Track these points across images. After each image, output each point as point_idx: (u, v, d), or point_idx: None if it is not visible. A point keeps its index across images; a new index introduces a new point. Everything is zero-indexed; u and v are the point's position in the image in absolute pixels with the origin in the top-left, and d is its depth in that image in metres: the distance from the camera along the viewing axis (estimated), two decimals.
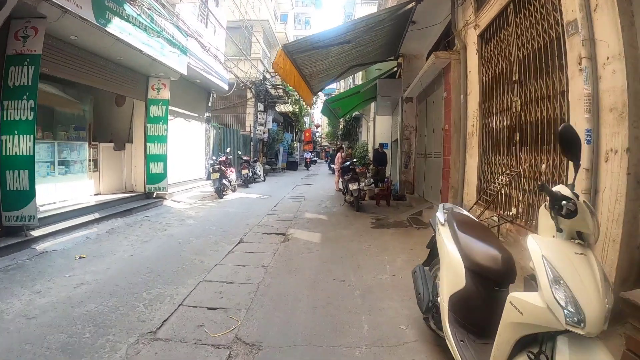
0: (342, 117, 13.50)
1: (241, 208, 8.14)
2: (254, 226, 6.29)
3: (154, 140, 8.64)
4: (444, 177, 6.74)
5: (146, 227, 6.26)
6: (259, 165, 14.54)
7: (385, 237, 5.70)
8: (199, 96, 11.70)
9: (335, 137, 43.48)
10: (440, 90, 7.26)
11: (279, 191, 11.52)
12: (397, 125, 12.21)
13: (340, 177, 11.97)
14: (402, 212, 7.81)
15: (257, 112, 17.66)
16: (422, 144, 8.87)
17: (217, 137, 13.48)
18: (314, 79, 8.38)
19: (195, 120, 11.51)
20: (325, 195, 10.77)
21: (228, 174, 10.09)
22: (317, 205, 8.82)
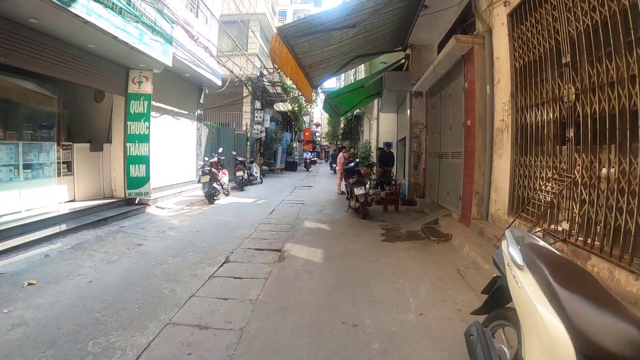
0: (344, 114, 12.59)
1: (232, 215, 7.21)
2: (244, 239, 5.37)
3: (134, 140, 7.71)
4: (466, 180, 5.82)
5: (119, 241, 5.34)
6: (256, 166, 13.62)
7: (400, 253, 4.77)
8: (189, 92, 10.77)
9: (335, 137, 42.63)
10: (459, 81, 6.34)
11: (276, 195, 10.60)
12: (403, 123, 11.30)
13: (342, 179, 11.06)
14: (415, 220, 6.89)
15: (253, 110, 16.74)
16: (435, 142, 7.95)
17: (210, 137, 12.55)
18: (314, 70, 7.45)
19: (185, 118, 10.58)
20: (327, 200, 9.85)
21: (220, 177, 9.16)
22: (318, 211, 7.89)
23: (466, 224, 5.71)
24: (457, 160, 6.30)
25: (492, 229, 5.00)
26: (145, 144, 7.73)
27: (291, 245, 5.03)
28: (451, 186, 6.54)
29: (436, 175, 7.66)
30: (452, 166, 6.51)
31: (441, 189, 7.19)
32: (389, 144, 10.44)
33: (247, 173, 12.12)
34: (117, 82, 7.65)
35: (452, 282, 3.75)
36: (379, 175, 8.87)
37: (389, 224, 6.57)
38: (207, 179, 8.51)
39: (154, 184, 8.69)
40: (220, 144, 13.02)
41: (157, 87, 8.93)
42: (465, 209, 5.83)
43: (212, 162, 9.44)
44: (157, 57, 7.31)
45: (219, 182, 8.95)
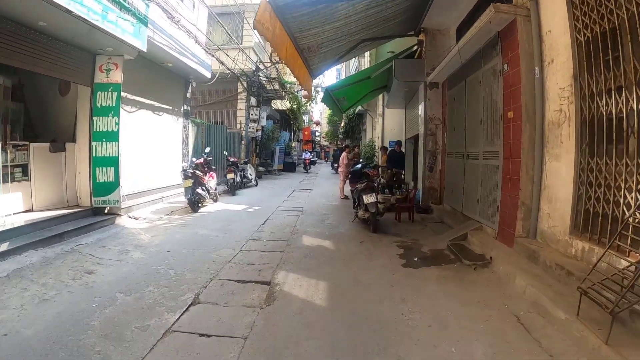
0: (347, 110, 11.38)
1: (217, 228, 6.01)
2: (225, 264, 4.17)
3: (101, 138, 6.52)
4: (507, 187, 4.63)
5: (67, 265, 4.17)
6: (250, 168, 12.42)
7: (431, 287, 3.58)
8: (173, 85, 9.57)
9: (335, 137, 41.39)
10: (493, 63, 5.16)
11: (271, 200, 9.40)
12: (413, 120, 10.11)
13: (344, 181, 9.86)
14: (436, 234, 5.70)
15: (249, 107, 15.54)
16: (457, 140, 6.76)
17: (199, 135, 11.35)
18: (314, 55, 6.26)
19: (169, 114, 9.38)
20: (329, 206, 8.65)
21: (206, 181, 7.96)
22: (318, 221, 6.69)
23: (507, 242, 4.52)
24: (491, 161, 5.11)
25: (547, 252, 3.82)
26: (114, 142, 6.53)
27: (285, 274, 3.83)
28: (483, 193, 5.35)
29: (459, 179, 6.46)
30: (485, 169, 5.31)
31: (467, 195, 6.00)
32: (399, 142, 9.23)
33: (239, 175, 10.92)
34: (82, 71, 6.47)
35: (516, 341, 2.57)
36: (389, 177, 7.70)
37: (405, 239, 5.38)
38: (189, 184, 7.31)
39: (129, 189, 7.50)
40: (210, 143, 11.82)
41: (133, 77, 7.74)
42: (505, 224, 4.64)
43: (198, 164, 8.24)
44: (127, 39, 6.11)
45: (205, 186, 7.75)
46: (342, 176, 9.79)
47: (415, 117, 9.59)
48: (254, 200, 9.16)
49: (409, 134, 10.99)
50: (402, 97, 9.74)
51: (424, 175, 7.80)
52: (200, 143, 11.45)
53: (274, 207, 8.14)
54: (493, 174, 5.03)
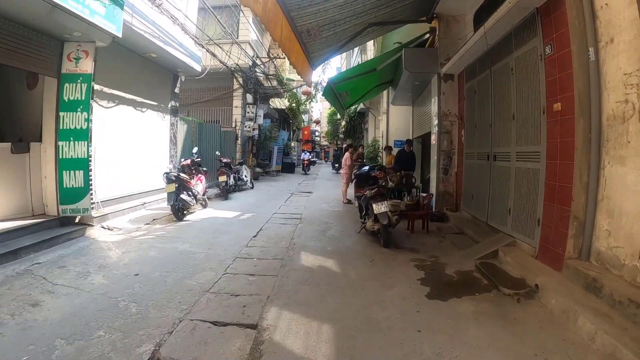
0: (350, 106, 10.51)
1: (200, 242, 5.15)
2: (202, 294, 3.32)
3: (68, 137, 5.66)
4: (551, 196, 3.77)
5: (12, 294, 3.38)
6: (246, 169, 11.56)
7: (470, 332, 2.72)
8: (159, 78, 8.71)
9: (336, 136, 40.45)
10: (527, 47, 4.31)
11: (267, 205, 8.54)
12: (422, 117, 9.26)
13: (347, 184, 9.01)
14: (458, 248, 4.86)
15: (245, 105, 14.68)
16: (478, 139, 5.91)
17: (190, 134, 10.49)
18: (314, 40, 5.40)
19: (154, 111, 8.52)
20: (331, 212, 7.79)
21: (193, 185, 7.10)
22: (319, 232, 5.83)
23: (554, 265, 3.66)
24: (529, 164, 4.26)
25: (611, 281, 2.98)
26: (83, 142, 5.67)
27: (277, 312, 2.96)
28: (516, 202, 4.49)
29: (482, 184, 5.61)
30: (519, 173, 4.46)
31: (494, 204, 5.14)
32: (408, 141, 8.34)
33: (233, 178, 10.06)
34: (48, 59, 5.62)
35: None
36: (397, 180, 6.85)
37: (424, 257, 4.52)
38: (172, 188, 6.45)
39: (105, 195, 6.65)
40: (202, 142, 10.97)
41: (110, 68, 6.92)
42: (549, 241, 3.78)
43: (184, 165, 7.40)
44: (97, 22, 5.26)
45: (191, 191, 6.89)
46: (345, 179, 8.93)
47: (425, 114, 8.75)
48: (248, 206, 8.29)
49: (416, 133, 10.15)
50: (409, 91, 8.88)
51: (438, 178, 6.95)
52: (191, 142, 10.59)
53: (269, 214, 7.28)
54: (531, 179, 4.17)
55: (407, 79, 7.54)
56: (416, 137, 10.32)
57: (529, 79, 4.30)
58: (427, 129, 8.62)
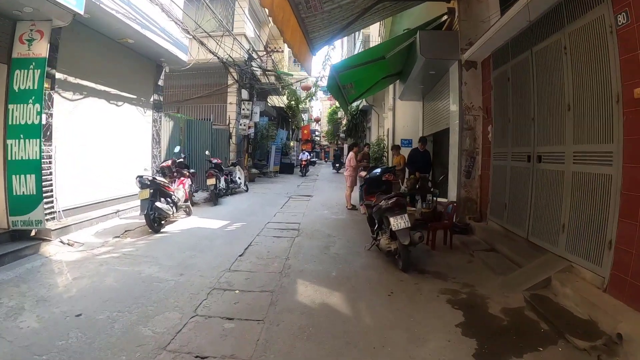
0: (354, 101, 9.52)
1: (173, 263, 4.17)
2: (155, 355, 2.33)
3: (18, 134, 4.69)
4: (630, 211, 2.78)
5: None
6: (240, 171, 10.57)
7: None
8: (138, 68, 7.73)
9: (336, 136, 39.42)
10: (588, 19, 3.31)
11: (261, 212, 7.55)
12: (435, 113, 8.29)
13: (352, 188, 8.02)
14: (495, 272, 3.87)
15: (240, 102, 13.68)
16: (513, 136, 4.92)
17: (177, 132, 9.52)
18: (314, 15, 4.41)
19: (132, 105, 7.53)
20: (333, 221, 6.80)
21: (174, 190, 6.13)
22: (321, 249, 4.83)
23: (636, 303, 2.68)
24: (594, 167, 3.27)
25: None
26: (35, 140, 4.69)
27: None
28: (575, 217, 3.49)
29: (520, 190, 4.62)
30: (579, 179, 3.46)
31: (539, 216, 4.14)
32: (423, 139, 7.31)
33: (224, 180, 9.08)
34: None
35: None
36: (412, 185, 5.89)
37: (455, 286, 3.53)
38: (146, 195, 5.45)
39: (69, 202, 5.68)
40: (190, 141, 9.99)
41: (77, 54, 5.98)
42: (628, 271, 2.79)
43: (164, 167, 6.43)
44: None
45: (170, 197, 5.91)
46: (349, 181, 7.94)
47: (439, 110, 7.77)
48: (239, 213, 7.30)
49: (428, 131, 9.16)
50: (421, 83, 7.88)
51: (459, 182, 5.96)
52: (179, 141, 9.61)
53: (262, 224, 6.30)
54: (598, 187, 3.18)
55: (422, 68, 6.56)
56: (427, 135, 9.33)
57: (592, 59, 3.30)
58: (441, 126, 7.64)
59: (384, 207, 3.88)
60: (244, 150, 13.69)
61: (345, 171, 8.06)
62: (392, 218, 3.69)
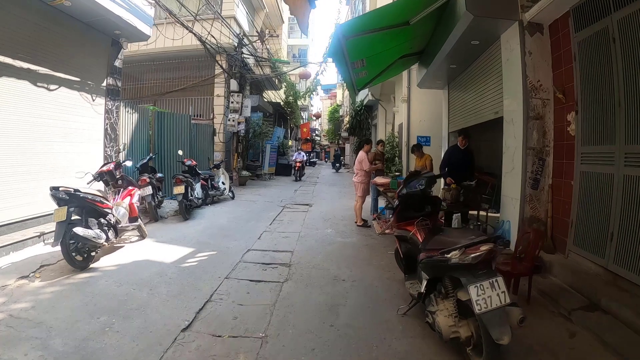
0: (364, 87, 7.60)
1: (68, 346, 2.35)
2: None
3: None
4: None
5: None
6: (223, 174, 8.75)
7: None
8: (85, 43, 5.90)
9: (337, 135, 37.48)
10: None
11: (242, 231, 5.72)
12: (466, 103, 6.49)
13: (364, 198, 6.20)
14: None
15: (228, 94, 11.86)
16: (623, 128, 3.10)
17: (145, 127, 7.69)
18: None
19: (72, 90, 5.71)
20: (340, 247, 4.96)
21: (112, 206, 4.31)
22: (324, 314, 2.94)
23: None
24: None
25: None
26: None
27: None
28: None
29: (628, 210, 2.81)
30: None
31: None
32: (465, 132, 5.27)
33: (201, 187, 7.26)
34: None
35: None
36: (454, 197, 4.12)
37: None
38: (63, 215, 3.63)
39: None
40: (162, 139, 8.17)
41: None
42: None
43: (103, 173, 4.62)
44: None
45: (105, 218, 4.09)
46: (360, 190, 6.08)
47: (476, 98, 5.95)
48: (213, 233, 5.45)
49: (454, 126, 7.34)
50: (453, 62, 6.02)
51: (522, 195, 4.13)
52: (147, 139, 7.80)
53: (240, 252, 4.47)
54: None
55: (462, 35, 4.72)
56: (453, 130, 7.53)
57: None
58: (479, 118, 5.82)
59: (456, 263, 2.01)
60: (233, 149, 11.86)
61: (355, 176, 6.19)
62: (474, 287, 1.86)
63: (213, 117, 11.15)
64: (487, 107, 5.29)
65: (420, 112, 9.62)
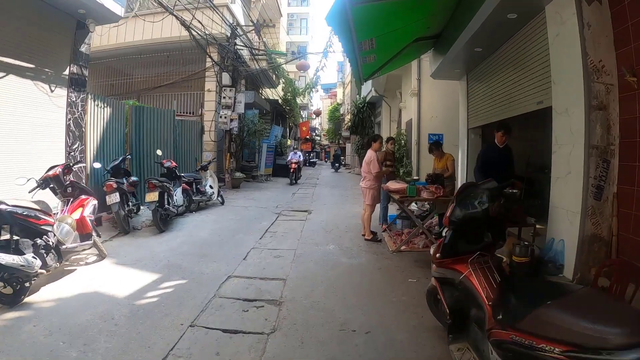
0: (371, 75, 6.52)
1: None
2: None
3: None
4: None
5: None
6: (211, 177, 7.80)
7: None
8: (41, 24, 4.97)
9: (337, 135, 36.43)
10: None
11: (225, 247, 4.76)
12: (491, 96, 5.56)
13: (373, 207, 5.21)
14: None
15: (220, 89, 10.91)
16: None
17: (120, 124, 6.75)
18: None
19: (23, 79, 4.77)
20: (346, 271, 4.00)
21: (55, 222, 3.36)
22: None
23: None
24: None
25: None
26: None
27: None
28: None
29: None
30: None
31: None
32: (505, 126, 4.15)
33: (181, 193, 6.31)
34: None
35: None
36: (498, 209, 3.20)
37: None
38: None
39: None
40: (141, 137, 7.23)
41: None
42: None
43: (49, 178, 3.69)
44: None
45: (43, 238, 3.15)
46: (370, 197, 5.04)
47: (505, 87, 5.01)
48: (187, 252, 4.48)
49: (476, 120, 6.40)
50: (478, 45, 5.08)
51: (584, 207, 3.19)
52: (123, 138, 6.86)
53: (217, 279, 3.52)
54: None
55: (498, 6, 3.78)
56: (473, 127, 6.60)
57: None
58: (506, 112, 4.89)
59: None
60: (225, 149, 10.91)
61: (362, 181, 5.20)
62: None
63: (202, 114, 10.20)
64: (526, 95, 4.33)
65: (431, 107, 8.68)
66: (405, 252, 4.46)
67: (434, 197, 4.31)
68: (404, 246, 4.45)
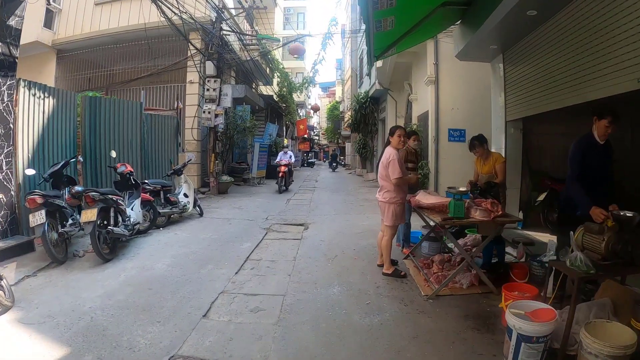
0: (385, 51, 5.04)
1: None
2: None
3: None
4: None
5: None
6: (185, 183, 6.37)
7: None
8: None
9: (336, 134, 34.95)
10: None
11: (186, 287, 3.37)
12: (533, 77, 4.18)
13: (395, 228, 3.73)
14: None
15: (204, 80, 9.49)
16: None
17: (70, 119, 5.34)
18: None
19: None
20: (363, 339, 2.62)
21: None
22: None
23: None
24: None
25: None
26: None
27: None
28: None
29: None
30: None
31: None
32: (612, 114, 2.72)
33: (139, 207, 4.89)
34: None
35: None
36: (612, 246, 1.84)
37: None
38: None
39: None
40: (96, 135, 5.83)
41: None
42: None
43: None
44: None
45: None
46: (390, 215, 3.49)
47: (572, 63, 3.62)
48: (126, 301, 3.05)
49: (518, 112, 5.02)
50: (531, 6, 3.73)
51: None
52: (74, 136, 5.45)
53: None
54: None
55: None
56: (511, 120, 5.22)
57: None
58: (575, 97, 3.52)
59: None
60: (210, 148, 9.50)
61: (380, 191, 3.71)
62: None
63: (178, 107, 8.75)
64: (614, 72, 2.94)
65: (452, 98, 7.30)
66: (444, 295, 3.07)
67: (490, 217, 2.92)
68: (446, 287, 3.07)
